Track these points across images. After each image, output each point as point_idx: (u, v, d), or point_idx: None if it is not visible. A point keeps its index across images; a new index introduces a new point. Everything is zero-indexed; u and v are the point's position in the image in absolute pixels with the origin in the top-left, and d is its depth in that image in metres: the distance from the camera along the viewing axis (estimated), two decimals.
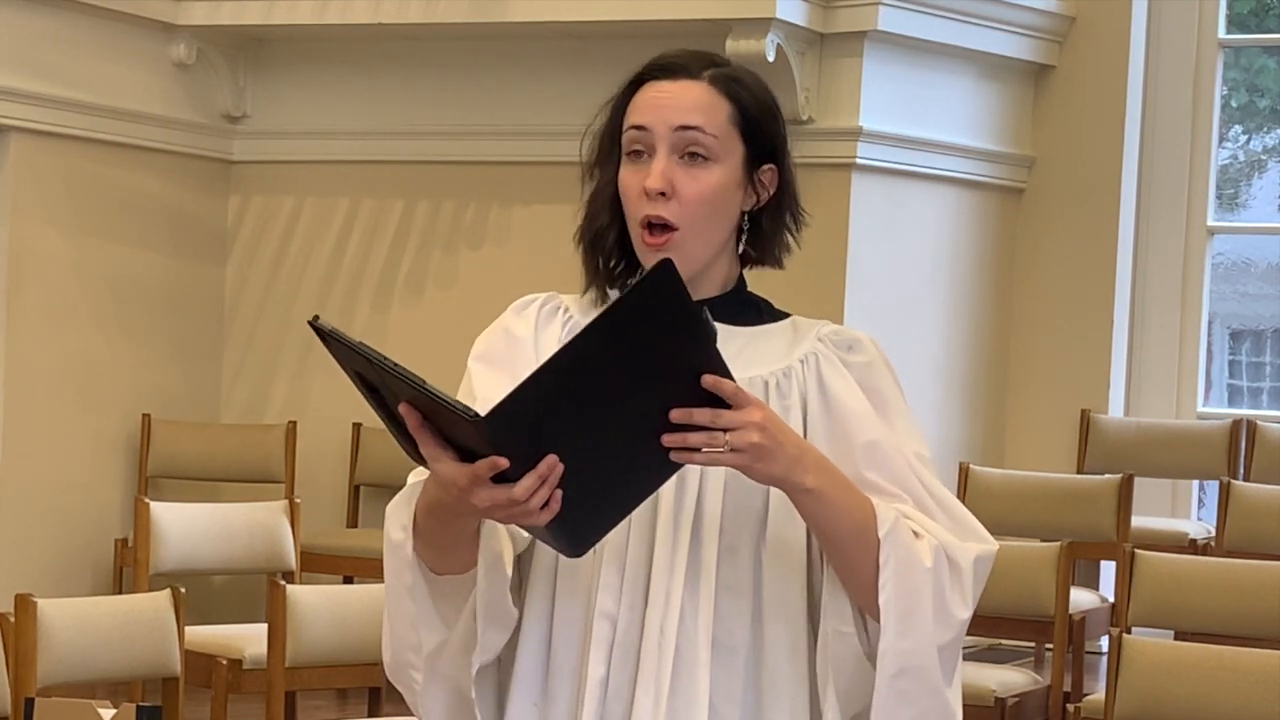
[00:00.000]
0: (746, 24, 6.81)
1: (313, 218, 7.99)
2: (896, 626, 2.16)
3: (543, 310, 2.36)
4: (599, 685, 2.20)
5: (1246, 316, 8.30)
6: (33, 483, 7.23)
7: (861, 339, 2.32)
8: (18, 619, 4.39)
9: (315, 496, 7.44)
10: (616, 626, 2.21)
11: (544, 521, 2.04)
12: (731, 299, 2.32)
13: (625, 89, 2.32)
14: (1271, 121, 8.34)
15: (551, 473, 2.01)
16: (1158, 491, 7.72)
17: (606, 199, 2.31)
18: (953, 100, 7.52)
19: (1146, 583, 5.29)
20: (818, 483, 2.14)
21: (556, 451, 2.01)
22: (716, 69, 2.29)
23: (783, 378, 2.28)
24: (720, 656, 2.21)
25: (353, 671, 5.17)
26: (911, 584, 2.16)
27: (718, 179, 2.25)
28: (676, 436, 2.05)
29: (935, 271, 7.54)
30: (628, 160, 2.29)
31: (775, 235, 2.33)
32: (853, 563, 2.17)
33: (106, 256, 7.50)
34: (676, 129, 2.25)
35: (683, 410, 2.05)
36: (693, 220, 2.24)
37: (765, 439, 2.08)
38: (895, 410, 2.29)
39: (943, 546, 2.20)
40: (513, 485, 2.01)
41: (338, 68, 7.89)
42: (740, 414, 2.07)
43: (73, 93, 7.28)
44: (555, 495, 2.02)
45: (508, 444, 2.00)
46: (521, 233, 7.65)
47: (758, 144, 2.29)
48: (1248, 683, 4.48)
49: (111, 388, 7.53)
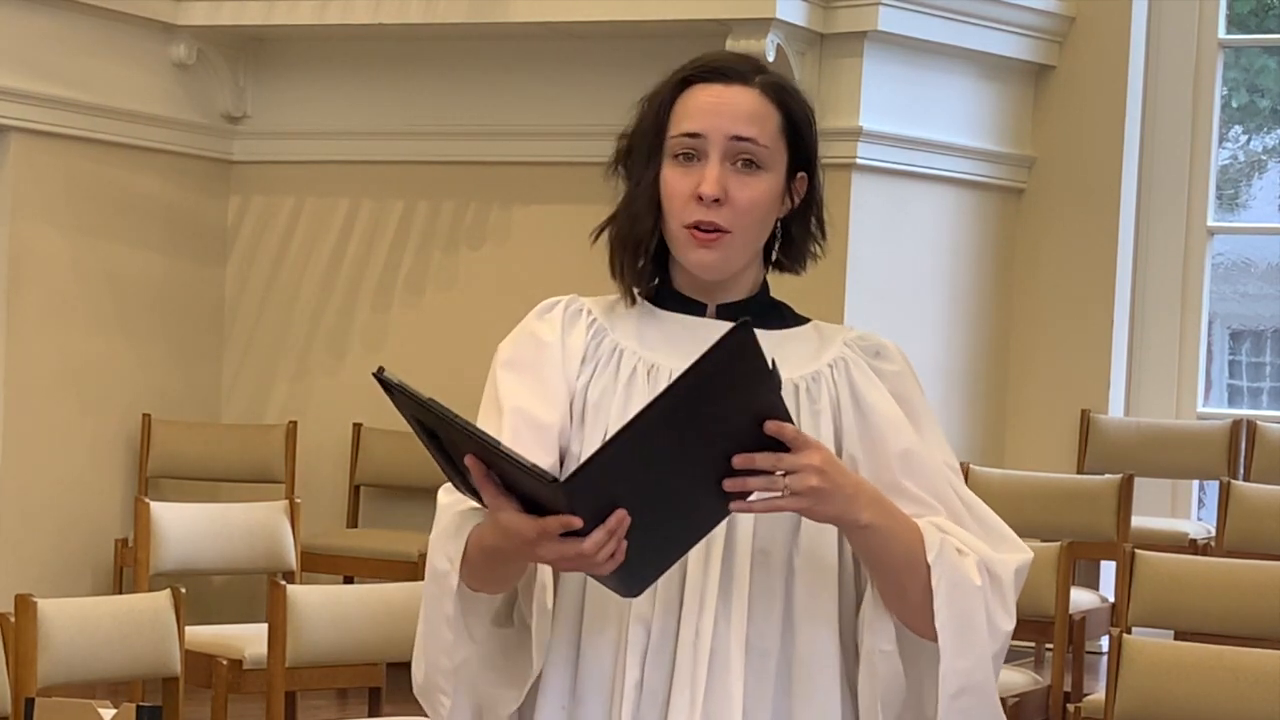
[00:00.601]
0: (746, 24, 6.81)
1: (313, 218, 7.99)
2: (955, 647, 2.18)
3: (567, 313, 2.35)
4: (634, 689, 2.21)
5: (1246, 316, 8.30)
6: (33, 483, 7.23)
7: (888, 346, 2.33)
8: (18, 619, 4.39)
9: (315, 496, 7.44)
10: (650, 631, 2.22)
11: (609, 571, 2.07)
12: (757, 303, 2.32)
13: (669, 89, 2.31)
14: (1272, 122, 8.34)
15: (620, 526, 2.03)
16: (1158, 491, 7.72)
17: (650, 200, 2.29)
18: (953, 100, 7.52)
19: (1146, 583, 5.29)
20: (872, 518, 2.15)
21: (625, 504, 2.02)
22: (764, 76, 2.30)
23: (812, 382, 2.28)
24: (753, 660, 2.22)
25: (353, 671, 5.17)
26: (964, 604, 2.19)
27: (767, 187, 2.26)
28: (738, 481, 2.07)
29: (935, 271, 7.54)
30: (674, 163, 2.27)
31: (802, 243, 2.34)
32: (902, 588, 2.19)
33: (106, 256, 7.50)
34: (731, 138, 2.25)
35: (746, 456, 2.06)
36: (743, 226, 2.25)
37: (824, 481, 2.10)
38: (924, 420, 2.31)
39: (984, 561, 2.22)
40: (580, 540, 2.02)
41: (338, 68, 7.89)
42: (799, 457, 2.08)
43: (73, 93, 7.28)
44: (621, 546, 2.04)
45: (584, 504, 2.01)
46: (522, 233, 7.65)
47: (798, 152, 2.31)
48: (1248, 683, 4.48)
49: (111, 388, 7.53)
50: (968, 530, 2.25)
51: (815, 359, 2.30)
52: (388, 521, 7.66)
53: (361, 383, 7.78)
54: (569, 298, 2.36)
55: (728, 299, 2.31)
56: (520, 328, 2.36)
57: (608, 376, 2.29)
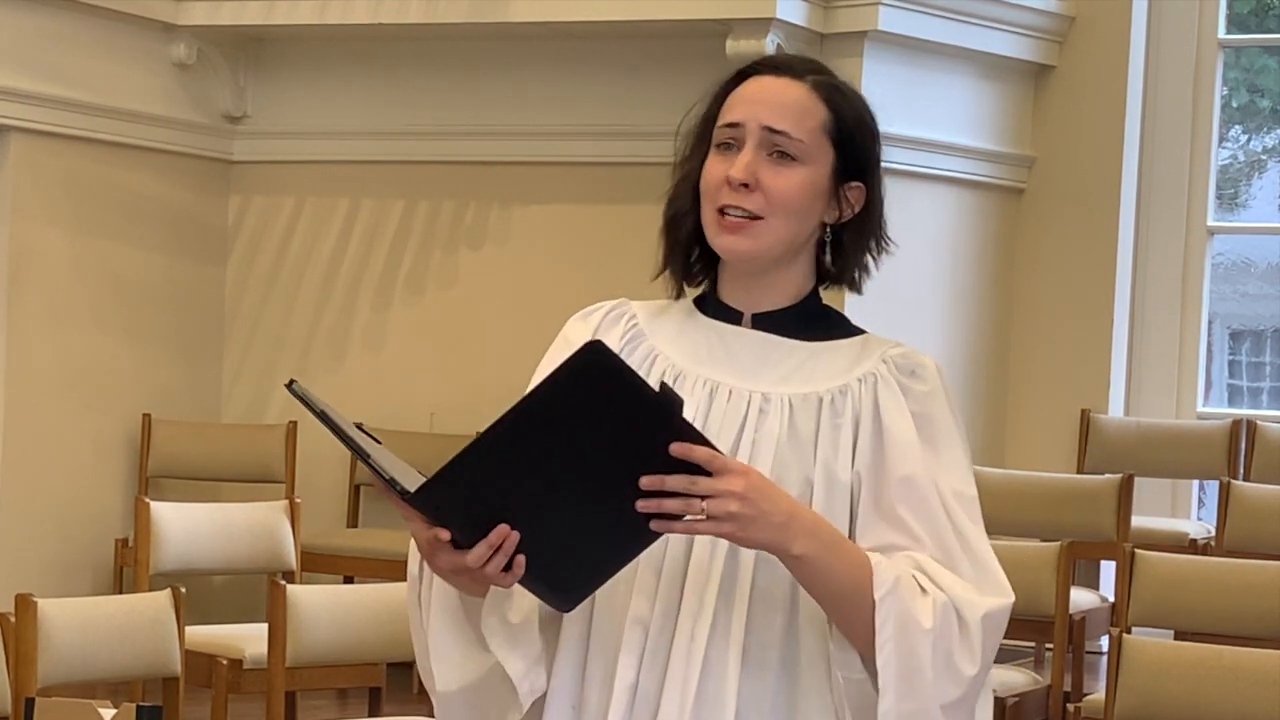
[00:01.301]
0: (746, 24, 6.81)
1: (313, 218, 7.99)
2: (897, 688, 2.14)
3: (606, 318, 2.34)
4: (628, 690, 2.20)
5: (1246, 316, 8.30)
6: (33, 483, 7.23)
7: (926, 364, 2.31)
8: (18, 619, 4.39)
9: (315, 496, 7.44)
10: (648, 632, 2.20)
11: (508, 584, 2.09)
12: (797, 312, 2.30)
13: (727, 82, 2.31)
14: (1272, 121, 8.34)
15: (504, 541, 2.05)
16: (1158, 491, 7.71)
17: (690, 185, 2.29)
18: (953, 100, 7.52)
19: (1146, 583, 5.29)
20: (805, 549, 2.11)
21: (513, 519, 2.04)
22: (820, 75, 2.30)
23: (838, 395, 2.26)
24: (751, 668, 2.19)
25: (353, 671, 5.17)
26: (909, 645, 2.13)
27: (801, 179, 2.25)
28: (652, 503, 2.04)
29: (935, 271, 7.54)
30: (716, 152, 2.27)
31: (855, 255, 2.32)
32: (847, 622, 2.16)
33: (107, 256, 7.51)
34: (764, 128, 2.24)
35: (653, 478, 2.04)
36: (774, 214, 2.24)
37: (745, 508, 2.06)
38: (945, 441, 2.27)
39: (951, 603, 2.16)
40: (468, 552, 2.06)
41: (338, 68, 7.89)
42: (719, 482, 2.05)
43: (73, 93, 7.28)
44: (517, 560, 2.06)
45: (448, 516, 2.05)
46: (522, 233, 7.65)
47: (848, 157, 2.30)
48: (1248, 683, 4.48)
49: (112, 387, 7.53)
50: (958, 567, 2.20)
51: (848, 373, 2.28)
52: (388, 521, 7.66)
53: (362, 382, 7.82)
54: (616, 302, 2.35)
55: (765, 308, 2.29)
56: (561, 332, 2.36)
57: None
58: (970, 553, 2.22)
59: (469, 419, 7.43)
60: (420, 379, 7.71)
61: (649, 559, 2.20)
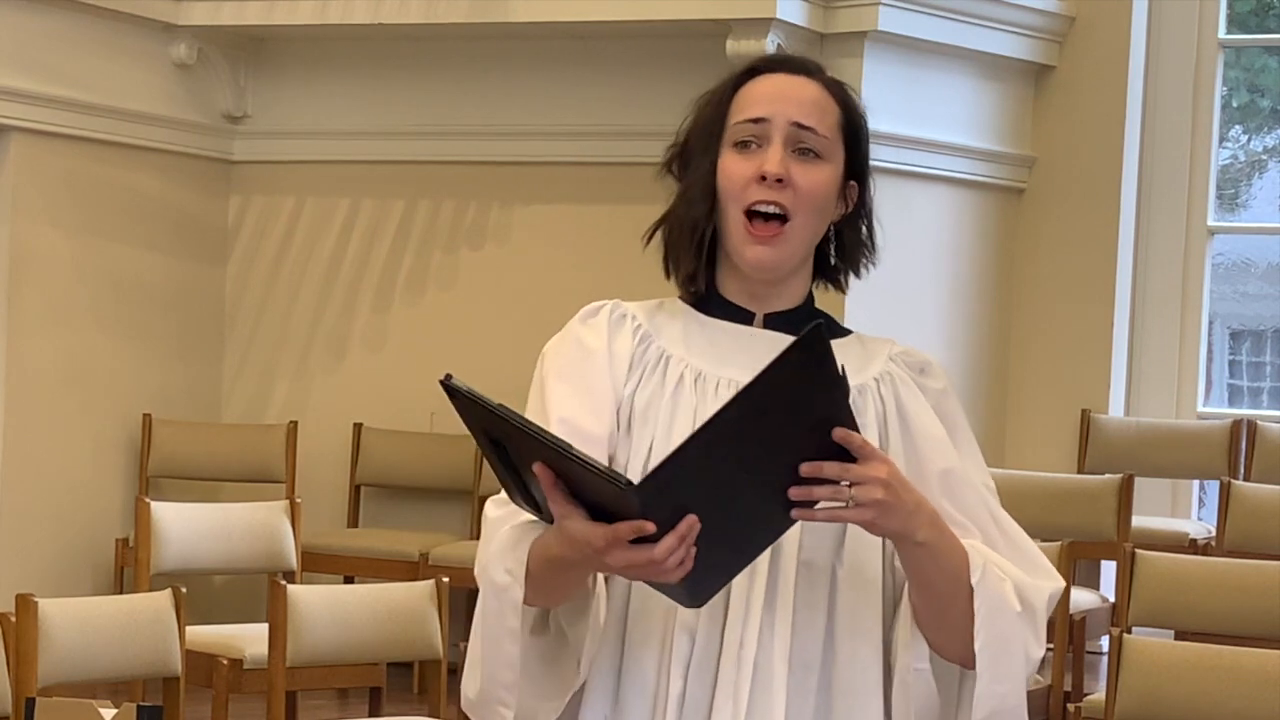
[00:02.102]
0: (746, 24, 6.81)
1: (313, 218, 7.99)
2: (992, 671, 2.17)
3: (612, 317, 2.31)
4: (677, 700, 2.18)
5: (1246, 316, 8.31)
6: (34, 482, 7.23)
7: (933, 363, 2.33)
8: (19, 619, 4.39)
9: (316, 496, 7.45)
10: (695, 641, 2.19)
11: (678, 579, 2.04)
12: (803, 312, 2.31)
13: (731, 83, 2.30)
14: (1272, 121, 8.35)
15: (690, 532, 2.00)
16: (1158, 491, 7.72)
17: (706, 188, 2.27)
18: (953, 100, 7.53)
19: (1147, 582, 5.29)
20: (928, 537, 2.13)
21: (695, 510, 2.00)
22: (826, 75, 2.31)
23: (858, 395, 2.25)
24: (795, 674, 2.19)
25: (353, 671, 5.17)
26: (1002, 628, 2.17)
27: (826, 177, 2.26)
28: (803, 490, 2.05)
29: (935, 271, 7.54)
30: (734, 150, 2.26)
31: (855, 250, 2.35)
32: (944, 607, 2.18)
33: (107, 256, 7.51)
34: (794, 124, 2.24)
35: (814, 464, 2.04)
36: (803, 213, 2.24)
37: (888, 495, 2.08)
38: (964, 437, 2.30)
39: (1019, 586, 2.21)
40: (651, 546, 1.99)
41: (338, 68, 7.89)
42: (866, 468, 2.07)
43: (73, 93, 7.28)
44: (690, 553, 2.01)
45: (656, 510, 1.98)
46: (522, 233, 7.65)
47: (854, 156, 2.31)
48: (1248, 683, 4.48)
49: (112, 387, 7.53)
50: (1001, 554, 2.24)
51: (861, 372, 2.28)
52: (388, 521, 7.66)
53: (362, 382, 7.82)
54: (612, 303, 2.33)
55: (776, 308, 2.29)
56: (565, 333, 2.32)
57: (654, 384, 2.26)
58: (1010, 541, 2.27)
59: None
60: (420, 379, 7.70)
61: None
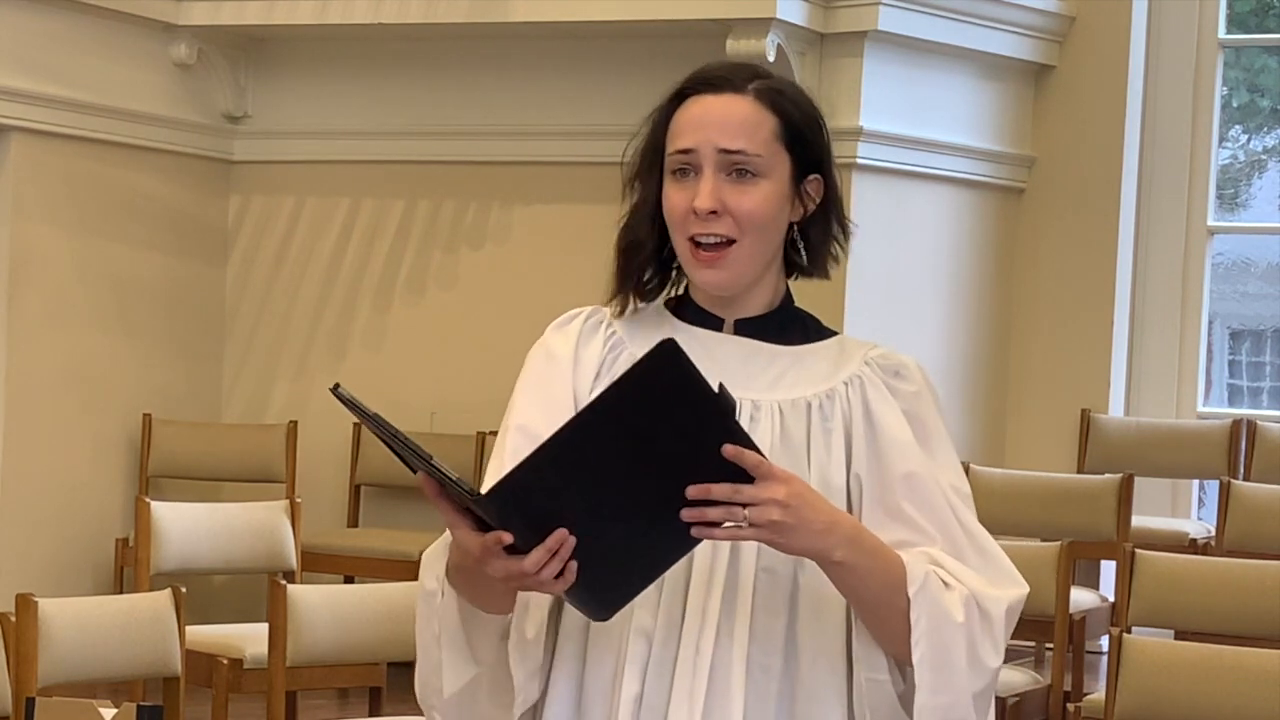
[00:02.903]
0: (746, 24, 6.81)
1: (313, 218, 7.99)
2: (932, 683, 2.15)
3: (586, 325, 2.32)
4: (633, 702, 2.19)
5: (1246, 316, 8.31)
6: (34, 482, 7.23)
7: (909, 364, 2.30)
8: (19, 618, 4.39)
9: (316, 496, 7.45)
10: (652, 644, 2.20)
11: (559, 591, 2.06)
12: (777, 316, 2.30)
13: (668, 102, 2.28)
14: (1272, 121, 8.35)
15: (561, 546, 2.02)
16: (1158, 491, 7.72)
17: (647, 214, 2.28)
18: (953, 100, 7.53)
19: (1146, 582, 5.29)
20: (845, 556, 2.12)
21: (568, 524, 2.02)
22: (760, 81, 2.27)
23: (826, 399, 2.25)
24: (755, 677, 2.19)
25: (353, 671, 5.17)
26: (943, 639, 2.16)
27: (765, 194, 2.23)
28: (695, 512, 2.03)
29: (935, 271, 7.54)
30: (672, 179, 2.25)
31: (823, 246, 2.31)
32: (882, 621, 2.17)
33: (107, 256, 7.51)
34: (720, 151, 2.22)
35: (700, 486, 2.03)
36: (748, 234, 2.22)
37: (787, 516, 2.06)
38: (937, 440, 2.27)
39: (974, 596, 2.18)
40: (523, 557, 2.02)
41: (338, 68, 7.89)
42: (761, 489, 2.05)
43: (74, 93, 7.28)
44: (570, 566, 2.03)
45: (511, 519, 2.01)
46: (522, 232, 7.65)
47: (803, 156, 2.27)
48: (1248, 683, 4.48)
49: (112, 387, 7.53)
50: (966, 561, 2.21)
51: (832, 376, 2.27)
52: (388, 521, 7.66)
53: (362, 383, 7.81)
54: (591, 309, 2.34)
55: (745, 314, 2.29)
56: (539, 341, 2.34)
57: None
58: (976, 546, 2.24)
59: (469, 419, 7.45)
60: (420, 379, 7.71)
61: None
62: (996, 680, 2.22)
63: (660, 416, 2.00)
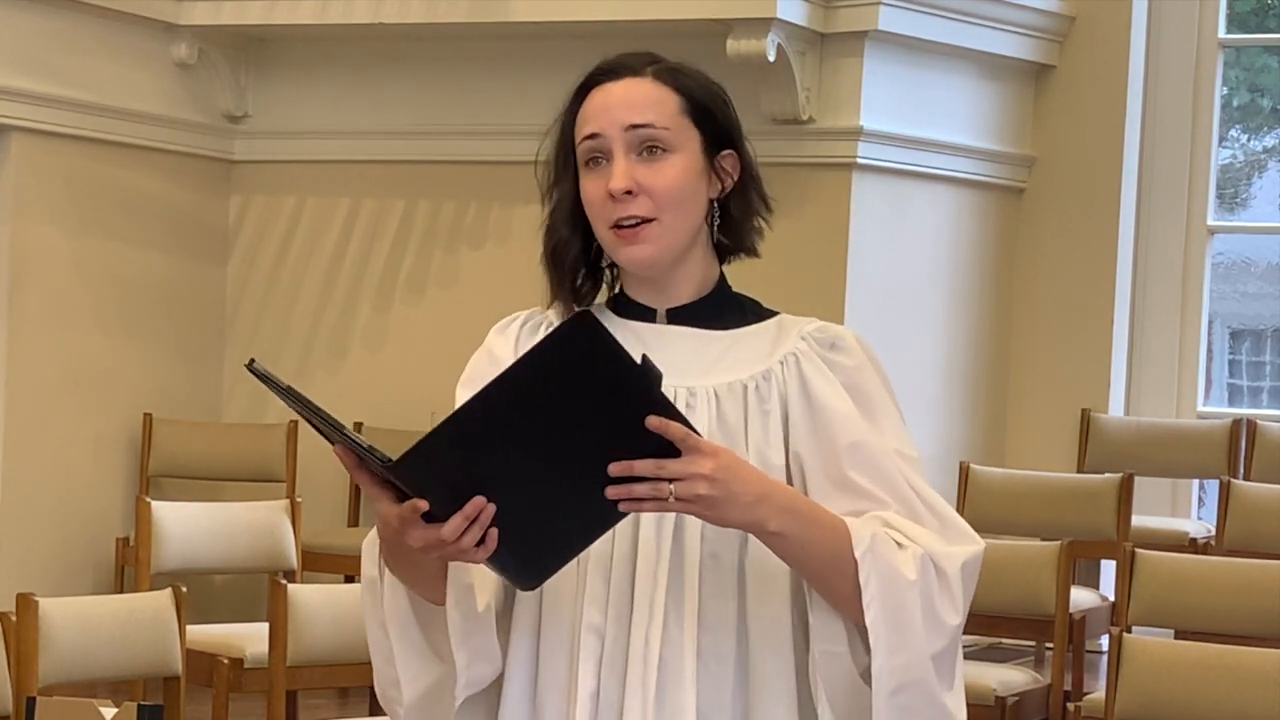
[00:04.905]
0: (747, 24, 6.81)
1: (314, 217, 7.99)
2: (888, 643, 2.13)
3: (524, 327, 2.35)
4: (590, 699, 2.19)
5: (1246, 316, 8.31)
6: (34, 482, 7.23)
7: (845, 336, 2.28)
8: (19, 618, 4.39)
9: (316, 496, 7.45)
10: (604, 639, 2.20)
11: (479, 560, 2.06)
12: (711, 301, 2.30)
13: (571, 101, 2.30)
14: (1272, 121, 8.35)
15: (480, 513, 2.02)
16: (1158, 491, 7.72)
17: (566, 212, 2.28)
18: (953, 100, 7.53)
19: (1147, 582, 5.30)
20: (781, 526, 2.10)
21: (489, 493, 2.02)
22: (659, 65, 2.28)
23: (762, 381, 2.25)
24: (707, 665, 2.19)
25: (354, 671, 5.17)
26: (896, 599, 2.13)
27: (679, 167, 2.23)
28: (621, 489, 2.03)
29: (935, 271, 7.54)
30: (586, 170, 2.26)
31: (745, 221, 2.30)
32: (832, 585, 2.15)
33: (108, 256, 7.51)
34: (628, 128, 2.23)
35: (623, 464, 2.02)
36: (666, 211, 2.22)
37: (714, 489, 2.05)
38: (881, 409, 2.25)
39: (928, 554, 2.16)
40: (440, 525, 2.03)
41: (339, 68, 7.90)
42: (686, 464, 2.04)
43: (74, 92, 7.28)
44: (490, 534, 2.03)
45: (427, 486, 2.02)
46: (522, 232, 7.65)
47: (712, 131, 2.27)
48: (1248, 682, 4.49)
49: (113, 387, 7.54)
50: (923, 523, 2.20)
51: (768, 356, 2.27)
52: None
53: (363, 382, 7.82)
54: (530, 311, 2.36)
55: (678, 301, 2.29)
56: (482, 345, 2.37)
57: None
58: (929, 506, 2.22)
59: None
60: (421, 379, 7.71)
61: (596, 566, 2.21)
62: (958, 641, 2.20)
63: (579, 388, 1.99)
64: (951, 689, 2.20)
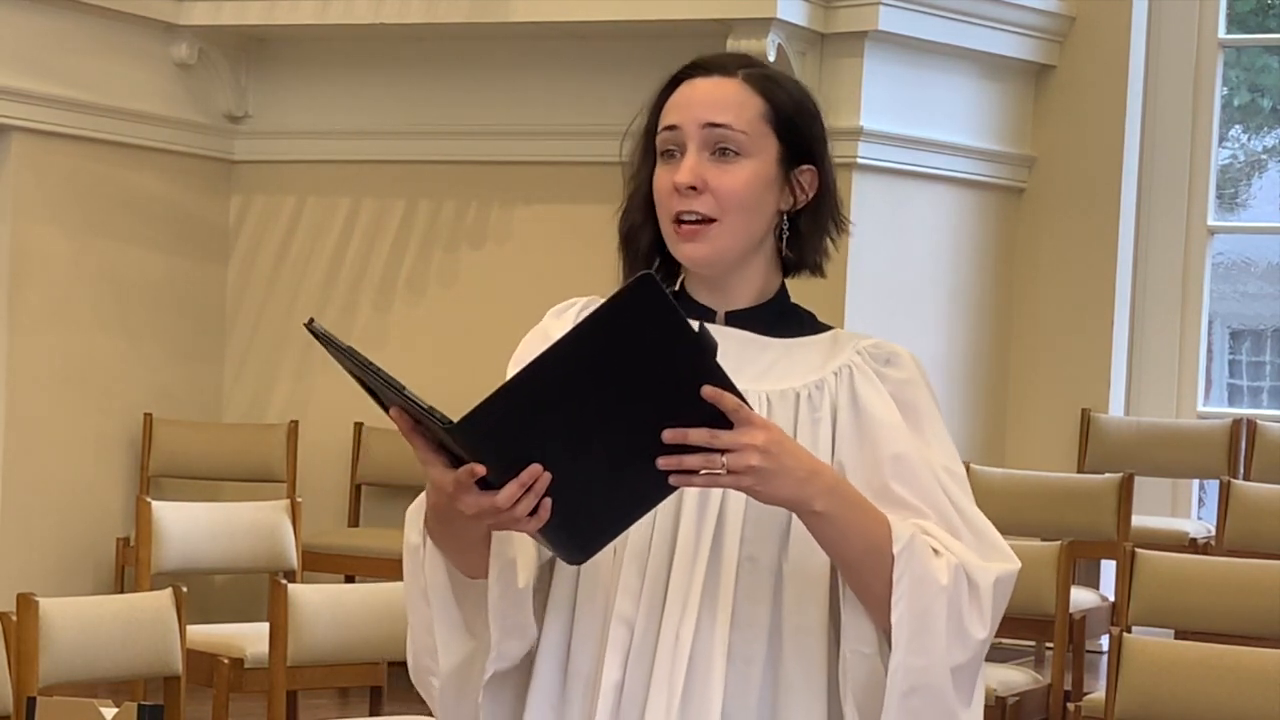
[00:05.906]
0: (747, 24, 6.81)
1: (314, 217, 7.99)
2: (909, 643, 2.12)
3: (583, 313, 2.32)
4: (614, 690, 2.19)
5: (1246, 316, 8.31)
6: (35, 482, 7.23)
7: (901, 353, 2.29)
8: (20, 618, 4.39)
9: (317, 496, 7.45)
10: (634, 631, 2.19)
11: (532, 529, 2.04)
12: (769, 309, 2.30)
13: (662, 90, 2.31)
14: (1272, 121, 8.35)
15: (536, 481, 2.00)
16: (1158, 491, 7.72)
17: (642, 198, 2.29)
18: (953, 100, 7.53)
19: (1147, 582, 5.30)
20: (826, 506, 2.09)
21: (545, 461, 2.00)
22: (751, 69, 2.28)
23: (815, 390, 2.25)
24: (736, 665, 2.18)
25: (354, 671, 5.18)
26: (925, 602, 2.13)
27: (749, 173, 2.23)
28: (672, 459, 2.02)
29: (935, 271, 7.55)
30: (661, 160, 2.27)
31: (814, 239, 2.29)
32: (866, 580, 2.14)
33: (108, 256, 7.51)
34: (705, 125, 2.23)
35: (677, 431, 2.01)
36: (729, 213, 2.22)
37: (766, 461, 2.04)
38: (929, 424, 2.26)
39: (962, 565, 2.16)
40: (496, 493, 2.01)
41: (339, 68, 7.90)
42: (739, 435, 2.03)
43: (74, 92, 7.28)
44: (544, 504, 2.01)
45: (485, 451, 1.99)
46: (523, 232, 7.66)
47: (793, 143, 2.26)
48: (1248, 682, 4.49)
49: (113, 387, 7.54)
50: (960, 539, 2.19)
51: (822, 367, 2.27)
52: (389, 520, 7.66)
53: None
54: (589, 298, 2.34)
55: (737, 305, 2.28)
56: (537, 326, 2.36)
57: None
58: (969, 523, 2.22)
59: None
60: (421, 379, 7.66)
61: (632, 557, 2.20)
62: (981, 659, 2.19)
63: (638, 353, 1.98)
64: (968, 707, 2.18)
